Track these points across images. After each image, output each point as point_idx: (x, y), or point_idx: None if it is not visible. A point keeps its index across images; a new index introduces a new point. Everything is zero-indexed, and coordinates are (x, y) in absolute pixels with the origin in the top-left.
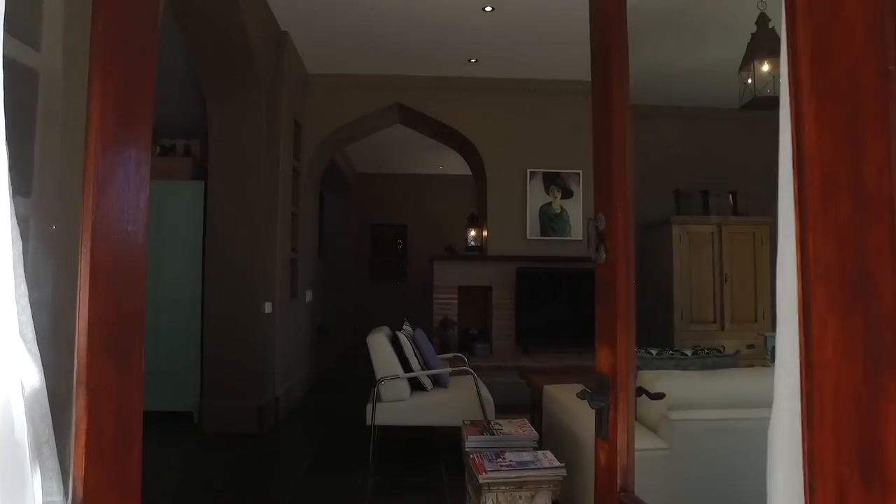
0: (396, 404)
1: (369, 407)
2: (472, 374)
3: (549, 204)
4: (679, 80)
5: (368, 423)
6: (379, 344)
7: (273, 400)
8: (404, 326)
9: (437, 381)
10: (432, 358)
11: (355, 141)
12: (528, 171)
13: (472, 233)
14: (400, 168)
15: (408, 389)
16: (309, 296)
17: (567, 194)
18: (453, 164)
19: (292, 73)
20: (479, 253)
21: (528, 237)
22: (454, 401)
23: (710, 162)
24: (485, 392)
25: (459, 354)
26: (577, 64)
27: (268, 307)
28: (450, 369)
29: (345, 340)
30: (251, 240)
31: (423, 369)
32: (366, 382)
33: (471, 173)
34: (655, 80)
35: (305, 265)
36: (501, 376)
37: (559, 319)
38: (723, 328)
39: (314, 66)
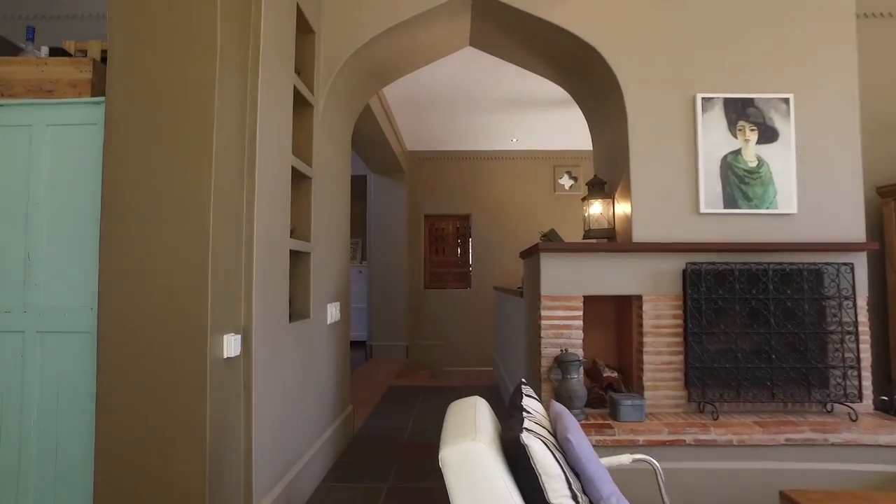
0: None
1: None
2: None
3: (737, 153)
4: None
5: None
6: (478, 478)
7: None
8: (526, 399)
9: None
10: (609, 495)
11: (403, 73)
12: (699, 97)
13: (596, 209)
14: (460, 144)
15: None
16: (333, 313)
17: (767, 136)
18: (530, 134)
19: None
20: (613, 241)
21: (701, 210)
22: None
23: None
24: None
25: (644, 457)
26: None
27: (230, 345)
28: None
29: (397, 366)
30: (193, 213)
31: None
32: (428, 441)
33: (548, 148)
34: None
35: (326, 264)
36: (671, 459)
37: (761, 351)
38: None
39: None
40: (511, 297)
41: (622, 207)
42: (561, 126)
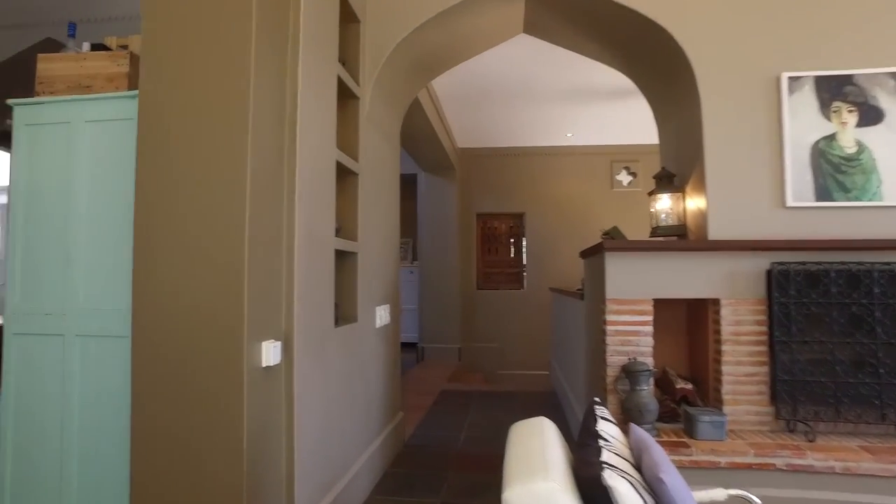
0: None
1: None
2: None
3: (832, 138)
4: None
5: None
6: None
7: None
8: (601, 423)
9: None
10: None
11: (452, 63)
12: (785, 76)
13: (665, 204)
14: (513, 140)
15: None
16: (382, 315)
17: (870, 117)
18: (586, 129)
19: None
20: (685, 238)
21: (788, 203)
22: None
23: None
24: None
25: (743, 493)
26: None
27: (269, 353)
28: None
29: (449, 369)
30: (228, 211)
31: None
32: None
33: (604, 143)
34: None
35: (374, 265)
36: (759, 485)
37: (864, 364)
38: None
39: None
40: (569, 300)
41: (695, 202)
42: (619, 119)
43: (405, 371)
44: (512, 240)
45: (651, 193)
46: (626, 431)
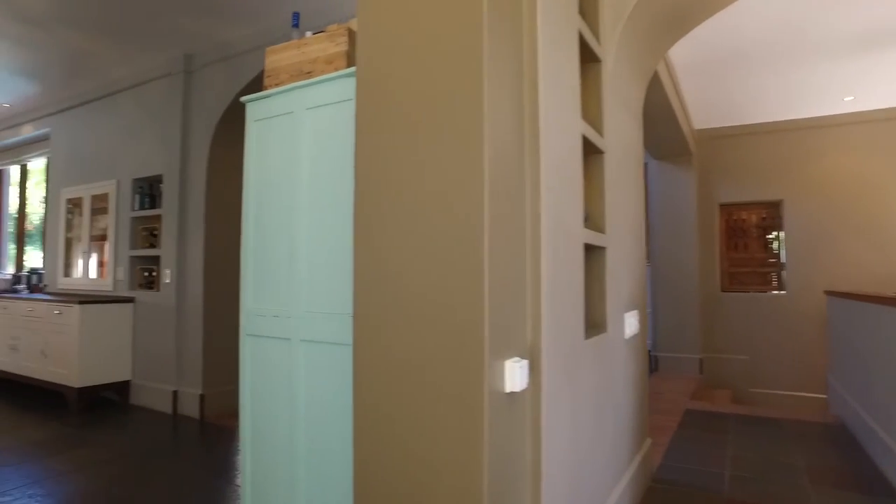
0: None
1: None
2: None
3: None
4: None
5: None
6: None
7: None
8: None
9: None
10: None
11: (708, 13)
12: None
13: None
14: (766, 114)
15: None
16: (632, 323)
17: None
18: (877, 88)
19: None
20: None
21: None
22: None
23: None
24: None
25: None
26: None
27: (514, 375)
28: None
29: (689, 383)
30: (462, 200)
31: None
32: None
33: None
34: None
35: (622, 262)
36: None
37: None
38: None
39: None
40: (873, 308)
41: None
42: None
43: None
44: (766, 233)
45: None
46: None
